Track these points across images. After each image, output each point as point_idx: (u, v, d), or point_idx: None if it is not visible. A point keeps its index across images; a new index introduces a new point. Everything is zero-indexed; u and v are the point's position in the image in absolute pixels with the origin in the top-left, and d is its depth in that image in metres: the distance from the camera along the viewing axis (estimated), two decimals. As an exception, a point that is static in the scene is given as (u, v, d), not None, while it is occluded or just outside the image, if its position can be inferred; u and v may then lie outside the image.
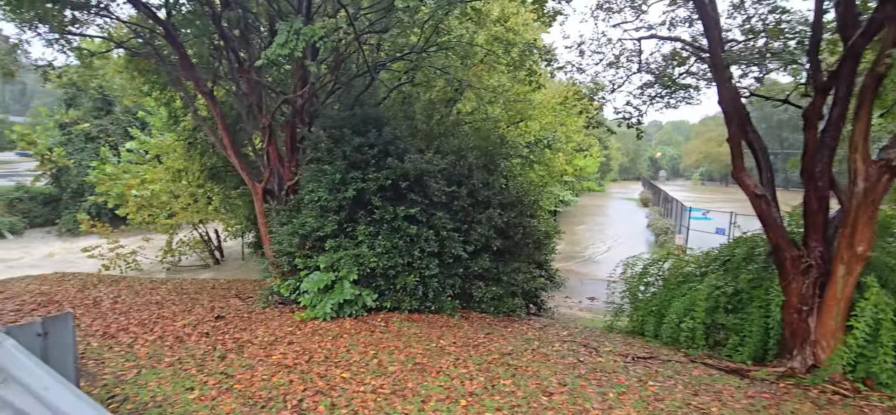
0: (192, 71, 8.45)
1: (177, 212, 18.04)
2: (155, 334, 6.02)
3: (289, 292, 7.79)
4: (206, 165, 14.18)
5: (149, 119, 21.05)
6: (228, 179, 14.84)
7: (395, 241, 7.73)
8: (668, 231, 24.87)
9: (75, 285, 8.87)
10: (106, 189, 18.00)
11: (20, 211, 25.89)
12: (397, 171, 7.73)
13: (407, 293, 7.92)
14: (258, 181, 9.02)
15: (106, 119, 27.06)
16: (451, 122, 10.26)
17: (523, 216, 9.78)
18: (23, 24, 10.54)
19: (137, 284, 9.83)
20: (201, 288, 10.64)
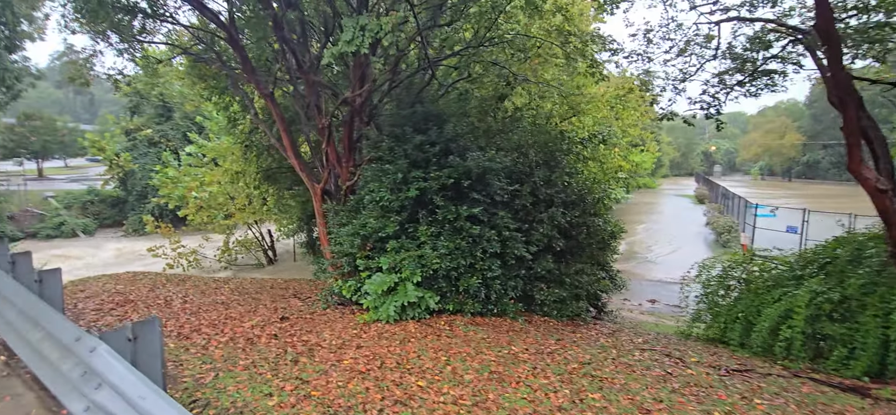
0: (254, 74, 8.53)
1: (233, 213, 18.64)
2: (226, 335, 6.04)
3: (350, 294, 7.70)
4: (262, 167, 14.49)
5: (206, 123, 21.94)
6: (282, 181, 15.13)
7: (458, 242, 7.47)
8: (731, 230, 23.37)
9: (146, 285, 9.18)
10: (168, 192, 18.83)
11: (91, 213, 27.68)
12: (459, 169, 7.47)
13: (469, 296, 7.64)
14: (317, 182, 9.01)
15: (166, 125, 28.47)
16: (508, 118, 9.89)
17: (587, 215, 9.29)
18: (97, 36, 11.08)
19: (202, 284, 10.09)
20: (261, 288, 10.81)
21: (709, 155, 73.73)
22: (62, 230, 24.93)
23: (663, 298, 16.82)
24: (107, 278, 9.75)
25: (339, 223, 8.38)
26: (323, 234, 9.14)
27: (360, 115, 8.33)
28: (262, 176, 14.70)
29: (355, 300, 7.72)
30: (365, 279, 7.58)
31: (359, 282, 7.72)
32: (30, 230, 24.65)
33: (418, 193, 7.33)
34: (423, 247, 7.43)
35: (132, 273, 11.04)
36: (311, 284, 12.19)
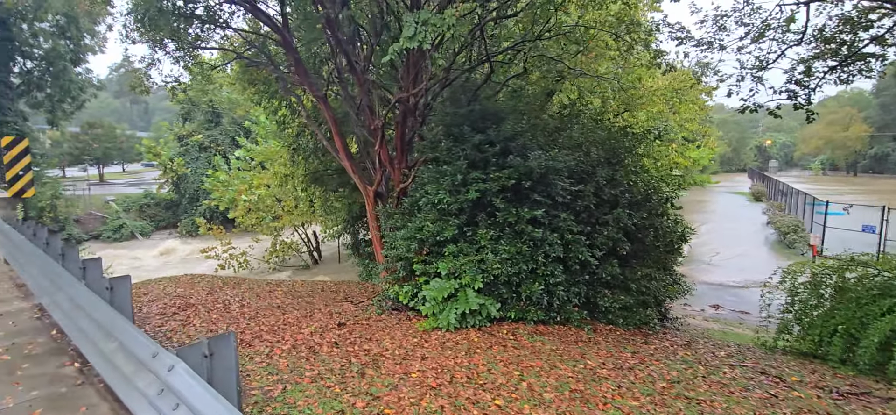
0: (306, 76, 8.45)
1: (281, 215, 18.96)
2: (286, 342, 5.91)
3: (407, 299, 7.45)
4: (309, 169, 14.58)
5: (254, 128, 22.50)
6: (329, 183, 15.20)
7: (519, 246, 7.08)
8: (797, 229, 21.74)
9: (205, 288, 9.29)
10: (219, 194, 19.36)
11: (148, 215, 29.02)
12: (520, 169, 7.08)
13: (532, 303, 7.24)
14: (369, 184, 8.84)
15: (215, 130, 29.48)
16: (566, 114, 9.40)
17: (654, 216, 8.69)
18: (155, 45, 11.39)
19: (256, 287, 10.14)
20: (312, 291, 10.78)
21: (763, 149, 69.64)
22: (122, 232, 26.23)
23: (727, 303, 15.77)
24: (167, 281, 9.96)
25: (392, 226, 8.17)
26: (375, 237, 8.96)
27: (414, 114, 8.09)
28: (310, 179, 14.80)
29: (412, 306, 7.47)
30: (422, 285, 7.32)
31: (415, 287, 7.47)
32: (93, 233, 26.09)
33: (478, 195, 6.99)
34: (483, 251, 7.08)
35: (190, 276, 11.27)
36: (361, 288, 12.10)
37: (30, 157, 8.25)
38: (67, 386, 4.29)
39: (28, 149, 8.23)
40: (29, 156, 8.23)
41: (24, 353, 5.01)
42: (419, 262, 7.43)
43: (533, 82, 10.77)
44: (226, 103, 29.78)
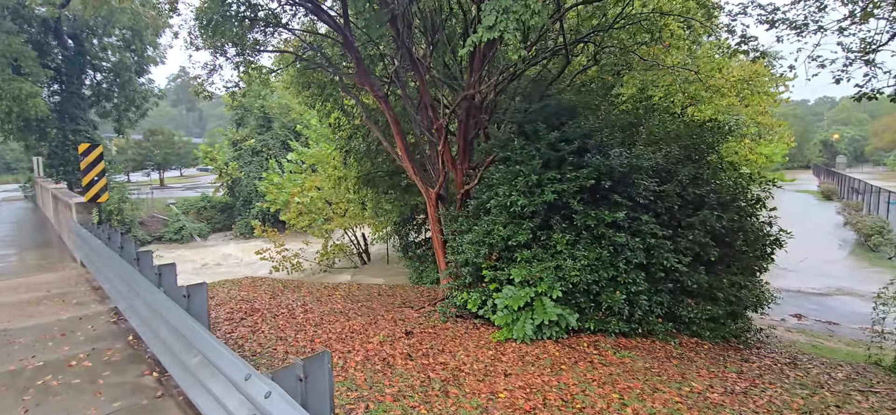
0: (367, 75, 8.23)
1: (332, 217, 19.09)
2: (358, 352, 5.65)
3: (476, 307, 7.05)
4: (362, 172, 14.52)
5: (305, 131, 22.87)
6: (380, 185, 15.10)
7: (598, 251, 6.53)
8: (883, 231, 19.74)
9: (267, 291, 9.28)
10: (273, 197, 19.73)
11: (205, 218, 30.18)
12: (601, 168, 6.52)
13: (612, 313, 6.67)
14: (430, 186, 8.52)
15: (267, 134, 30.29)
16: (641, 108, 8.72)
17: (744, 217, 7.89)
18: (216, 51, 11.58)
19: (315, 290, 10.06)
20: (369, 295, 10.60)
21: (830, 144, 64.63)
22: (182, 234, 27.38)
23: (809, 312, 14.45)
24: (230, 284, 10.05)
25: (457, 230, 7.80)
26: (437, 241, 8.63)
27: (480, 112, 7.70)
28: (362, 181, 14.73)
29: (481, 315, 7.07)
30: (493, 292, 6.90)
31: (484, 294, 7.06)
32: (156, 234, 27.38)
33: (555, 197, 6.49)
34: (559, 257, 6.58)
35: (251, 279, 11.38)
36: (416, 291, 11.84)
37: (103, 163, 8.49)
38: (148, 398, 4.18)
39: (101, 155, 8.47)
40: (102, 162, 8.46)
41: (103, 359, 4.99)
42: (488, 267, 7.02)
43: (594, 75, 10.12)
44: (277, 108, 30.56)
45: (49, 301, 7.09)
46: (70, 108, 26.35)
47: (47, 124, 24.74)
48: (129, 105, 28.77)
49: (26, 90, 21.09)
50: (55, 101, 25.99)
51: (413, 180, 8.84)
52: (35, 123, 23.46)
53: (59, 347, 5.33)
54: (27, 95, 21.08)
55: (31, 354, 5.13)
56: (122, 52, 27.68)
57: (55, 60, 24.94)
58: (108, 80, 28.55)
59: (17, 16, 22.62)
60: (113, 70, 28.01)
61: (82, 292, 7.54)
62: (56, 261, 9.83)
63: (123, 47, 27.88)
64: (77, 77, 26.83)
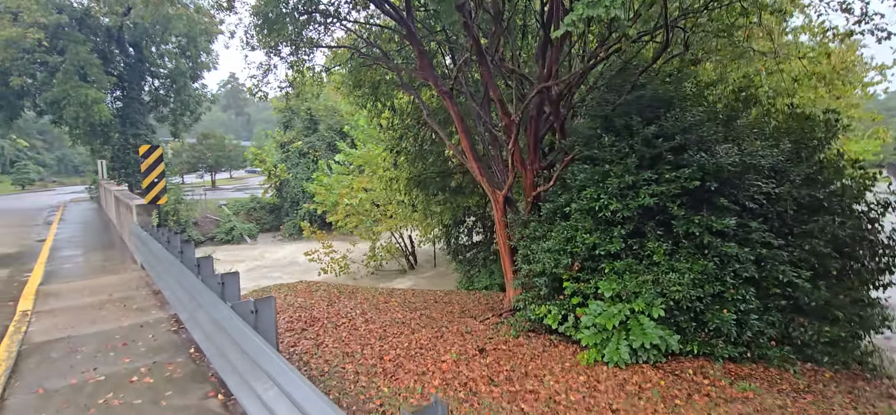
0: (431, 70, 7.67)
1: (380, 219, 18.78)
2: (433, 374, 5.06)
3: (555, 323, 6.31)
4: (413, 173, 14.07)
5: (352, 133, 22.76)
6: (431, 186, 14.61)
7: (702, 263, 5.65)
8: None
9: (323, 298, 8.91)
10: (322, 198, 19.64)
11: (254, 219, 30.78)
12: (707, 167, 5.64)
13: (719, 334, 5.76)
14: (498, 188, 7.85)
15: (313, 136, 30.56)
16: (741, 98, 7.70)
17: (867, 224, 6.76)
18: (271, 51, 11.39)
19: (370, 296, 9.62)
20: (425, 302, 10.06)
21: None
22: (233, 235, 27.98)
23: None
24: (286, 290, 9.76)
25: (530, 236, 7.08)
26: (505, 248, 7.94)
27: (556, 106, 6.96)
28: (412, 182, 14.27)
29: (562, 331, 6.32)
30: (575, 306, 6.15)
31: (564, 308, 6.31)
32: (209, 235, 28.13)
33: (655, 201, 5.65)
34: (656, 270, 5.74)
35: (306, 284, 11.11)
36: (473, 298, 11.20)
37: (163, 165, 8.35)
38: (214, 426, 3.74)
39: (161, 157, 8.34)
40: (162, 164, 8.34)
41: (165, 375, 4.63)
42: (570, 279, 6.27)
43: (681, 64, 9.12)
44: (323, 111, 30.80)
45: (111, 305, 6.94)
46: (131, 113, 27.52)
47: (110, 129, 25.90)
48: (183, 110, 29.80)
49: (92, 96, 22.06)
50: (117, 106, 27.22)
51: (479, 181, 8.20)
52: (99, 127, 24.58)
53: (120, 358, 5.04)
54: (92, 101, 22.04)
55: (93, 365, 4.85)
56: (178, 58, 28.70)
57: (118, 68, 26.08)
58: (165, 86, 29.69)
59: (83, 25, 23.77)
60: (169, 76, 29.09)
61: (143, 297, 7.38)
62: (118, 263, 9.86)
63: (179, 54, 28.91)
64: (137, 83, 28.01)
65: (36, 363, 4.97)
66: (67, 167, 64.88)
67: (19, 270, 9.69)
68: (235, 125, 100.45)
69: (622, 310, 5.52)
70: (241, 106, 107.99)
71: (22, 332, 5.95)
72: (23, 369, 4.81)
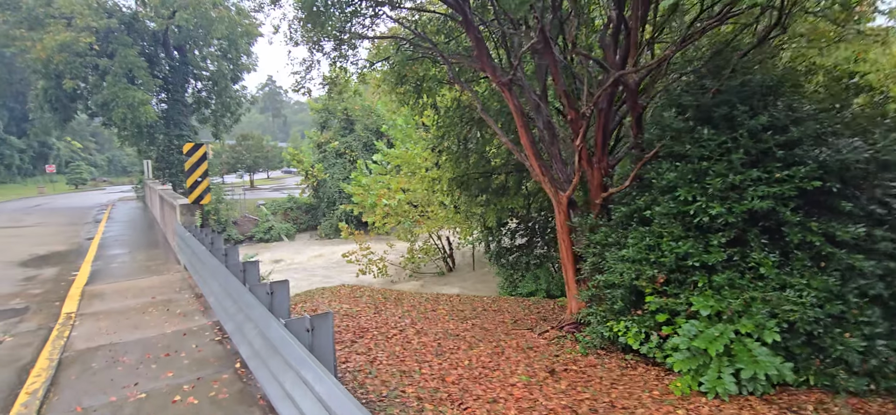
0: (488, 59, 7.02)
1: (419, 220, 18.30)
2: (506, 404, 4.42)
3: (636, 343, 5.54)
4: (456, 173, 13.49)
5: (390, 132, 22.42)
6: (472, 187, 14.00)
7: (824, 279, 4.76)
8: None
9: (368, 304, 8.41)
10: (361, 199, 19.33)
11: (291, 218, 30.98)
12: (830, 165, 4.75)
13: (839, 363, 4.86)
14: (561, 190, 7.12)
15: (350, 136, 30.49)
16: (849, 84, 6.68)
17: None
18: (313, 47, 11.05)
19: (418, 303, 9.07)
20: (474, 310, 9.42)
21: None
22: (271, 234, 28.21)
23: None
24: (329, 294, 9.34)
25: (600, 242, 6.32)
26: (567, 255, 7.20)
27: (635, 96, 6.17)
28: (455, 183, 13.68)
29: (643, 352, 5.54)
30: (660, 324, 5.36)
31: (646, 326, 5.53)
32: (247, 234, 28.45)
33: (768, 204, 4.79)
34: (764, 285, 4.89)
35: (349, 288, 10.68)
36: (522, 306, 10.48)
37: (206, 163, 8.06)
38: (266, 463, 3.21)
39: (205, 156, 8.06)
40: (206, 163, 8.04)
41: (209, 394, 4.17)
42: (653, 292, 5.49)
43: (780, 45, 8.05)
44: (359, 111, 30.69)
45: (154, 309, 6.64)
46: (175, 114, 28.17)
47: (155, 130, 26.56)
48: (224, 111, 30.33)
49: (139, 98, 22.58)
50: (162, 108, 27.94)
51: (538, 181, 7.49)
52: (145, 128, 25.21)
53: (162, 371, 4.64)
54: (139, 103, 22.56)
55: (134, 380, 4.46)
56: (220, 60, 29.23)
57: (163, 71, 26.73)
58: (207, 88, 30.30)
59: (131, 29, 24.42)
60: (211, 78, 29.67)
61: (186, 301, 7.06)
62: (161, 263, 9.70)
63: (221, 56, 29.45)
64: (181, 86, 28.68)
65: (76, 375, 4.63)
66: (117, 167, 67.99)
67: (68, 268, 9.67)
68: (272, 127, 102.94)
69: (725, 332, 4.70)
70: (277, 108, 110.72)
71: (64, 337, 5.68)
72: (62, 382, 4.47)
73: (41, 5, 21.50)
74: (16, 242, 13.16)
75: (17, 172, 49.66)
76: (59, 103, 23.95)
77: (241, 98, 32.22)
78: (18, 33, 20.88)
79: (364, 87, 26.17)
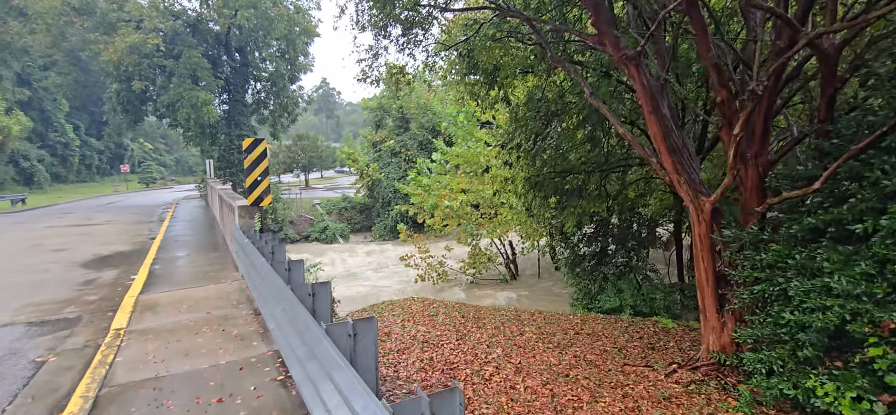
0: (610, 27, 5.54)
1: (483, 223, 16.97)
2: None
3: (848, 410, 3.89)
4: (532, 172, 12.06)
5: (450, 129, 21.24)
6: (547, 188, 12.50)
7: None
8: None
9: (448, 325, 7.18)
10: (421, 201, 18.26)
11: (345, 219, 30.56)
12: None
13: None
14: (703, 194, 5.52)
15: (405, 135, 29.67)
16: None
17: None
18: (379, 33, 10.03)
19: (502, 323, 7.73)
20: (566, 335, 7.94)
21: None
22: (326, 234, 27.84)
23: None
24: (400, 310, 8.20)
25: (771, 264, 4.70)
26: (707, 276, 5.59)
27: (833, 67, 4.51)
28: (530, 183, 12.23)
29: None
30: (888, 385, 3.70)
31: (860, 388, 3.88)
32: (303, 234, 28.27)
33: None
34: None
35: (421, 302, 9.52)
36: (620, 330, 8.88)
37: (267, 161, 7.12)
38: None
39: (266, 152, 7.14)
40: (267, 160, 7.12)
41: (273, 470, 3.03)
42: (879, 340, 3.82)
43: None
44: (415, 108, 29.82)
45: (208, 328, 5.71)
46: (235, 115, 28.48)
47: (217, 130, 26.90)
48: (282, 111, 30.43)
49: (202, 98, 22.76)
50: (224, 109, 28.37)
51: (671, 182, 5.92)
52: (208, 128, 25.53)
53: (213, 426, 3.58)
54: (202, 103, 22.74)
55: (178, 438, 3.41)
56: (278, 61, 29.33)
57: (224, 72, 27.05)
58: (266, 89, 30.54)
59: (196, 31, 24.76)
60: (270, 79, 29.84)
61: (243, 319, 6.11)
62: (219, 268, 8.95)
63: (279, 57, 29.56)
64: (242, 87, 29.00)
65: (110, 424, 3.66)
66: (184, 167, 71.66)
67: (127, 271, 9.15)
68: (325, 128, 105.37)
69: None
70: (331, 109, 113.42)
71: (107, 364, 4.81)
72: (92, 436, 3.50)
73: (114, 10, 22.11)
74: (83, 242, 13.08)
75: (96, 172, 53.15)
76: (130, 105, 24.66)
77: (297, 98, 32.28)
78: (93, 37, 21.55)
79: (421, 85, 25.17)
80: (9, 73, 40.84)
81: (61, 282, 8.51)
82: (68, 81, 24.54)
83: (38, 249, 11.94)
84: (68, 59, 24.33)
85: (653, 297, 12.27)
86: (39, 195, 37.27)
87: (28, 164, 42.04)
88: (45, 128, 45.96)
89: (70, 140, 48.10)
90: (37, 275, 9.05)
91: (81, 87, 25.67)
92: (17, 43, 21.47)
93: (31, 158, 42.49)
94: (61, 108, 47.59)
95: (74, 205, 27.86)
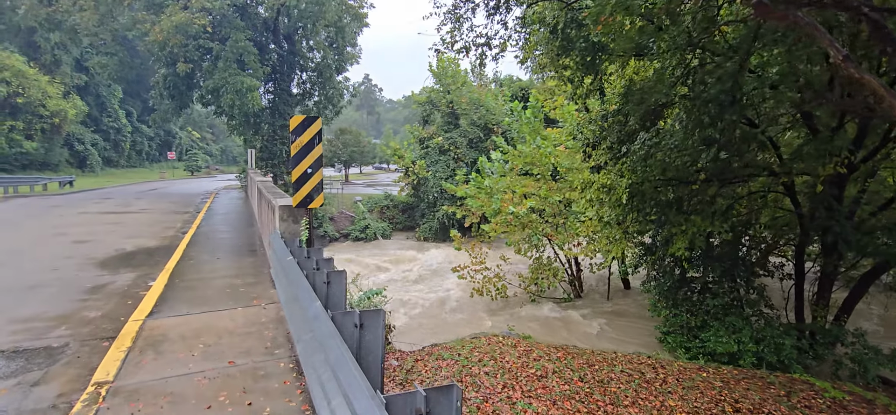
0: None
1: (551, 234, 14.67)
2: None
3: None
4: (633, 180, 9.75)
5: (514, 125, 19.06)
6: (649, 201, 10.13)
7: None
8: None
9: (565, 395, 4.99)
10: (480, 204, 16.12)
11: (387, 217, 28.85)
12: None
13: None
14: None
15: (454, 132, 27.64)
16: None
17: None
18: None
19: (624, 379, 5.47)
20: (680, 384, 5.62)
21: None
22: (367, 233, 26.21)
23: None
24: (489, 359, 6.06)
25: None
26: None
27: None
28: (633, 191, 9.88)
29: None
30: None
31: None
32: (343, 231, 26.75)
33: None
34: None
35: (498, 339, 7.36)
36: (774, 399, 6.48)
37: (321, 147, 5.17)
38: None
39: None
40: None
41: None
42: None
43: None
44: (465, 104, 27.74)
45: (226, 397, 3.80)
46: (280, 104, 27.32)
47: (261, 119, 25.75)
48: (327, 103, 29.13)
49: (247, 84, 21.54)
50: (269, 98, 27.29)
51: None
52: (252, 117, 24.39)
53: None
54: (247, 89, 21.51)
55: None
56: (326, 50, 28.02)
57: (271, 59, 25.89)
58: (312, 80, 29.32)
59: (244, 14, 23.63)
60: (317, 69, 28.56)
61: (279, 374, 4.19)
62: (252, 282, 7.16)
63: (328, 45, 28.23)
64: (288, 76, 27.85)
65: None
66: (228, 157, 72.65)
67: (145, 275, 7.54)
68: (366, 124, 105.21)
69: None
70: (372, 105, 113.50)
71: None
72: None
73: (163, -10, 21.25)
74: (110, 232, 11.76)
75: (145, 158, 54.12)
76: (176, 90, 23.85)
77: (343, 90, 30.89)
78: (141, 16, 20.71)
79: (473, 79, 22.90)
80: (68, 59, 41.75)
81: (65, 286, 6.94)
82: (113, 62, 23.93)
83: (58, 240, 10.63)
84: (116, 39, 23.74)
85: (780, 342, 9.68)
86: (90, 179, 37.69)
87: (82, 147, 42.84)
88: (100, 113, 46.94)
89: (122, 126, 49.03)
90: (41, 275, 7.56)
91: (127, 67, 25.08)
92: (67, 20, 20.82)
93: (85, 142, 43.30)
94: (115, 94, 48.54)
95: (118, 190, 27.46)
